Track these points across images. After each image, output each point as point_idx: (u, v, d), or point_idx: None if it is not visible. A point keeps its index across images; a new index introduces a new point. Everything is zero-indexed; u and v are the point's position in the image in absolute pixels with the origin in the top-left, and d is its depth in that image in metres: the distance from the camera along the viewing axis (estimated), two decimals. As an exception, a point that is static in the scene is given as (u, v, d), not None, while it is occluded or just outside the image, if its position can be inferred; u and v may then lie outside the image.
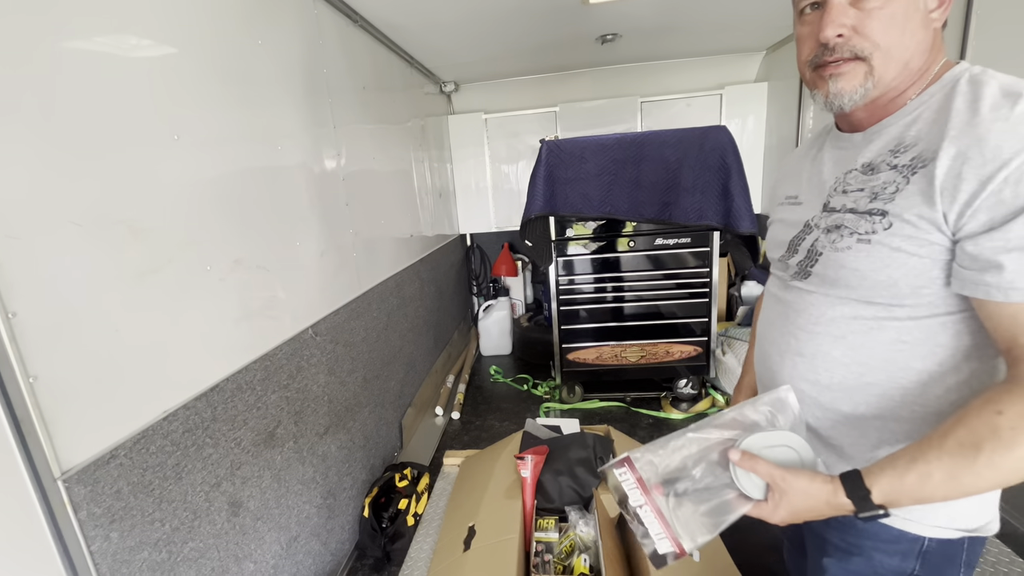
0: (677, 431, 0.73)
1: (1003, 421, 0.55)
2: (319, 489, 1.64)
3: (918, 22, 0.64)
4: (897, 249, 0.63)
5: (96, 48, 0.94)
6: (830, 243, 0.72)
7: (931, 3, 0.65)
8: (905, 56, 0.65)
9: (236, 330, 1.28)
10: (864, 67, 0.66)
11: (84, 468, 0.86)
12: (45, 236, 0.83)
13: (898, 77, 0.66)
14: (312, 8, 1.80)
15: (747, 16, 2.71)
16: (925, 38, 0.65)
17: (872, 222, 0.66)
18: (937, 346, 0.65)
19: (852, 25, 0.64)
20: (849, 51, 0.65)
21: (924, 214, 0.61)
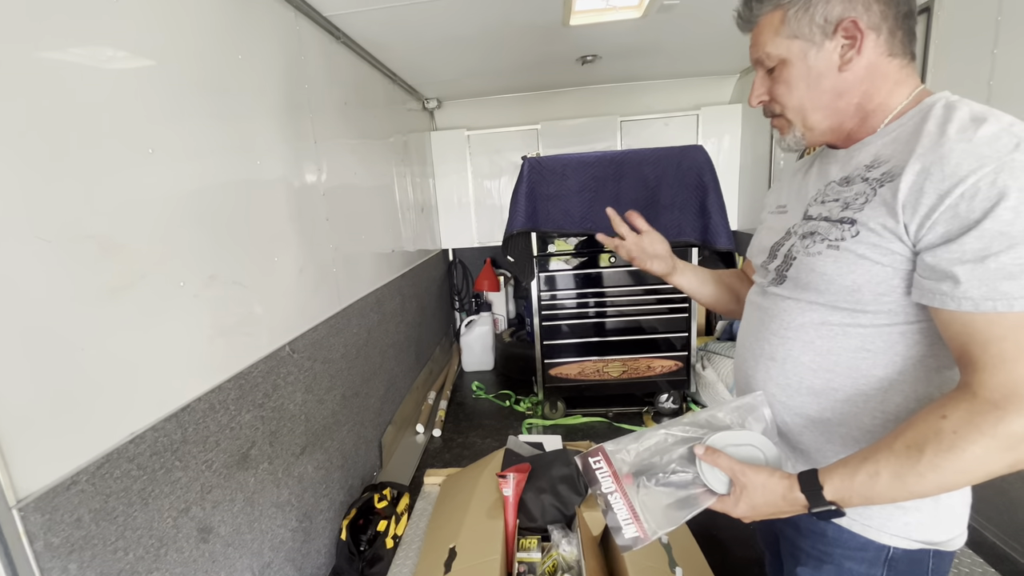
0: (651, 427, 0.77)
1: (946, 425, 0.58)
2: (294, 512, 1.59)
3: (824, 76, 0.70)
4: (862, 256, 0.66)
5: (69, 59, 0.92)
6: (804, 248, 0.75)
7: (833, 57, 0.69)
8: (823, 104, 0.72)
9: (210, 348, 1.25)
10: (786, 122, 0.77)
11: (42, 495, 0.82)
12: (10, 252, 0.80)
13: (837, 118, 0.73)
14: (294, 24, 1.80)
15: (720, 41, 2.81)
16: (847, 83, 0.70)
17: (842, 230, 0.69)
18: (897, 355, 0.68)
19: (767, 92, 0.77)
20: (769, 112, 0.79)
21: (888, 224, 0.64)
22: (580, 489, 1.64)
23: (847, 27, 0.67)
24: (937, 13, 1.85)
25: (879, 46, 0.68)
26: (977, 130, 0.59)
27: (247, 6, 1.51)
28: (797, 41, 0.71)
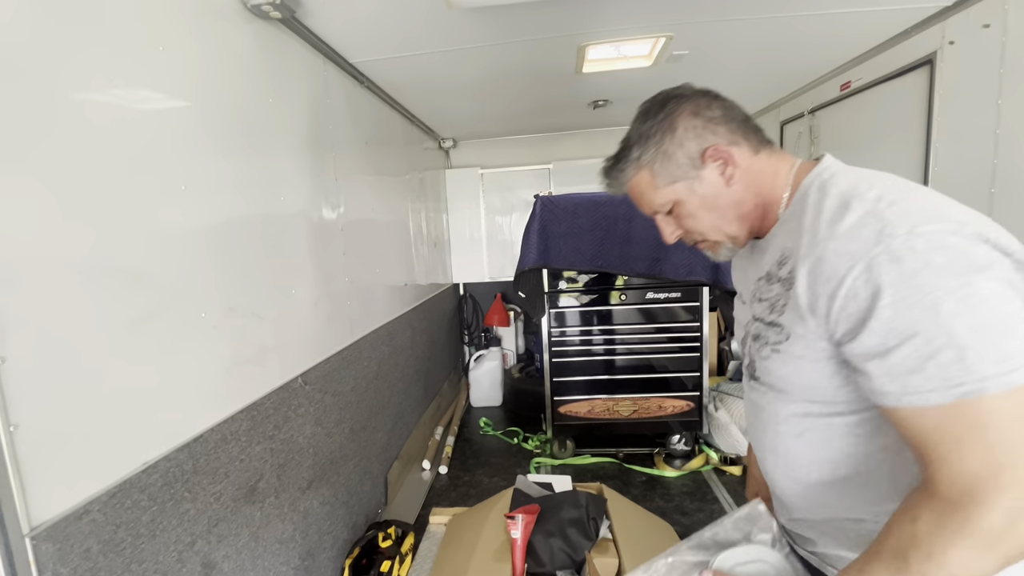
0: (653, 557, 0.76)
1: (920, 528, 0.54)
2: (298, 549, 1.55)
3: (719, 196, 0.76)
4: (801, 358, 0.66)
5: (110, 100, 0.98)
6: (757, 351, 0.75)
7: (717, 179, 0.75)
8: (731, 217, 0.77)
9: (225, 378, 1.26)
10: (712, 243, 0.81)
11: (54, 524, 0.82)
12: (44, 282, 0.84)
13: (748, 221, 0.78)
14: (322, 70, 1.90)
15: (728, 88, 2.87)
16: (739, 193, 0.76)
17: (777, 333, 0.69)
18: (888, 438, 0.64)
19: (678, 228, 0.82)
20: (691, 241, 0.84)
21: (808, 327, 0.64)
22: (590, 533, 1.60)
23: (711, 153, 0.74)
24: (939, 66, 1.91)
25: (744, 152, 0.74)
26: (842, 221, 0.60)
27: (281, 53, 1.61)
28: (678, 183, 0.76)
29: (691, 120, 0.75)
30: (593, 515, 1.64)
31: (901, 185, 0.63)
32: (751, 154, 0.75)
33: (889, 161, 2.25)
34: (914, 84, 2.07)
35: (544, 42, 2.01)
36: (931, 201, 0.59)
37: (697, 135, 0.74)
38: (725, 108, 0.76)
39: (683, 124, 0.75)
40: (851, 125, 2.54)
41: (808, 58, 2.41)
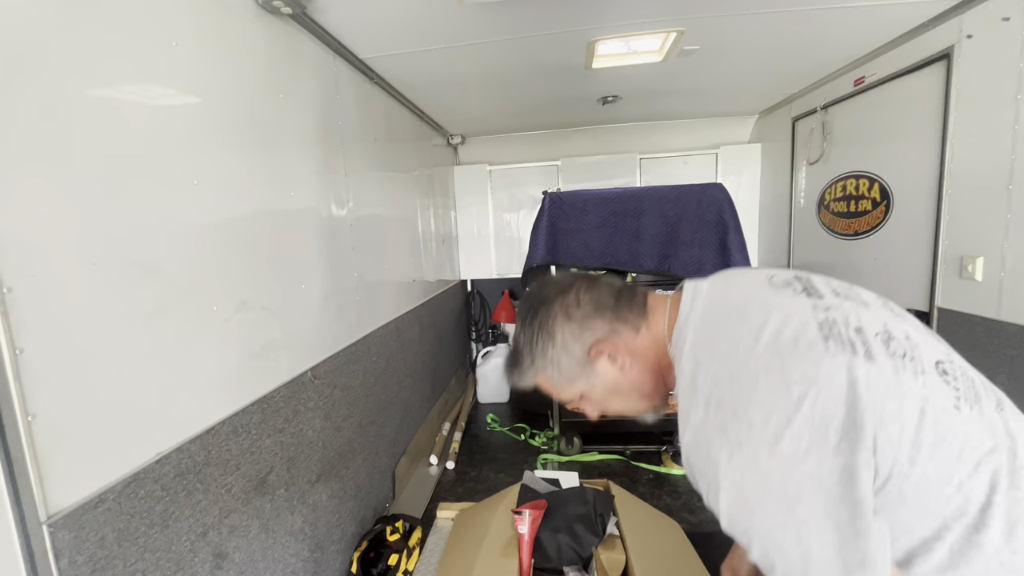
0: None
1: None
2: (307, 541, 1.57)
3: (619, 382, 0.77)
4: None
5: (124, 96, 0.99)
6: None
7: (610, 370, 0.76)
8: (641, 394, 0.78)
9: (236, 371, 1.28)
10: (638, 414, 0.83)
11: (71, 512, 0.83)
12: (62, 275, 0.85)
13: (658, 389, 0.78)
14: (332, 66, 1.91)
15: (739, 83, 2.87)
16: (636, 372, 0.76)
17: None
18: None
19: (597, 409, 0.83)
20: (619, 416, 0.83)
21: None
22: (598, 530, 1.60)
23: (596, 351, 0.75)
24: (957, 60, 1.88)
25: (626, 335, 0.75)
26: (692, 416, 0.63)
27: (292, 49, 1.62)
28: (578, 380, 0.78)
29: (566, 325, 0.76)
30: (600, 511, 1.64)
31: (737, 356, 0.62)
32: (633, 335, 0.75)
33: (903, 158, 2.22)
34: (930, 79, 2.03)
35: (553, 37, 2.00)
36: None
37: (576, 337, 0.75)
38: (593, 298, 0.76)
39: (560, 331, 0.76)
40: (865, 121, 2.50)
41: (821, 53, 2.38)
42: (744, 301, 0.67)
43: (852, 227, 2.62)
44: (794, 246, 3.25)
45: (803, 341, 0.58)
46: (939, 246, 2.00)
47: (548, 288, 0.80)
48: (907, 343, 0.60)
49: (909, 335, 0.62)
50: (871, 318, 0.62)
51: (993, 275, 1.76)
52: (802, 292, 0.66)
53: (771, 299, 0.66)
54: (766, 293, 0.67)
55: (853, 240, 2.62)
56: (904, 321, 0.65)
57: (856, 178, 2.56)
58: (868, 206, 2.48)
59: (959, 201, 1.92)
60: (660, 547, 1.64)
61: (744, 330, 0.62)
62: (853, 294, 0.68)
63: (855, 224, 2.59)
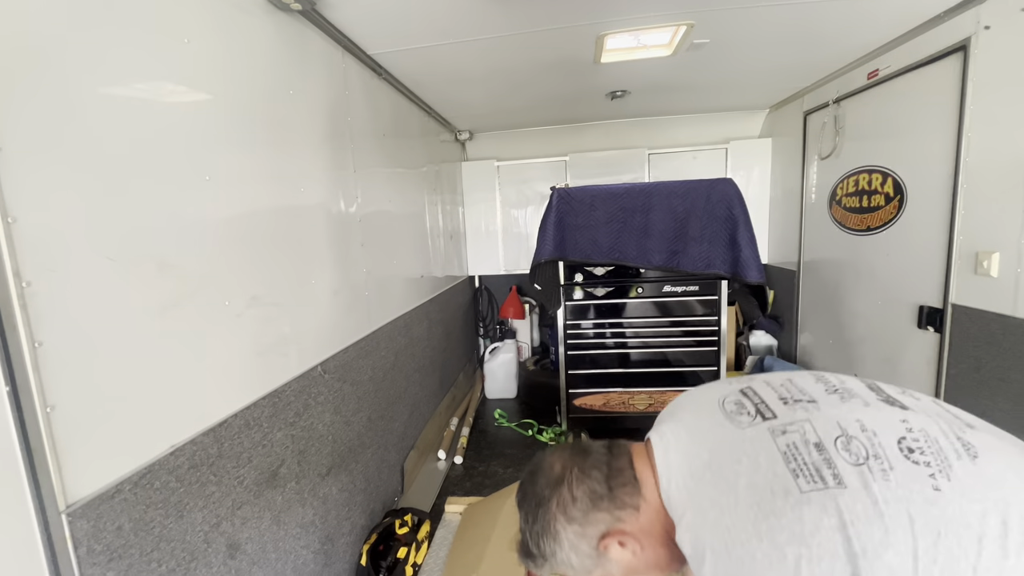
0: None
1: None
2: (317, 533, 1.59)
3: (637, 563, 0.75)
4: None
5: (136, 93, 1.01)
6: None
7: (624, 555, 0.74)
8: (655, 567, 0.76)
9: (248, 365, 1.29)
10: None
11: (89, 502, 0.85)
12: (79, 269, 0.86)
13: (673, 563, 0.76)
14: (341, 62, 1.92)
15: (750, 77, 2.84)
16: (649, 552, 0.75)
17: None
18: None
19: None
20: None
21: None
22: None
23: (605, 543, 0.74)
24: (974, 52, 1.84)
25: (630, 519, 0.74)
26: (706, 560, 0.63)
27: (301, 45, 1.63)
28: (595, 572, 0.77)
29: (568, 527, 0.75)
30: (608, 507, 1.64)
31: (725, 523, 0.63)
32: (636, 516, 0.74)
33: (917, 152, 2.19)
34: (946, 72, 2.00)
35: (562, 31, 1.99)
36: None
37: (581, 536, 0.74)
38: (587, 491, 0.75)
39: (563, 533, 0.75)
40: (878, 115, 2.46)
41: (834, 46, 2.35)
42: (711, 450, 0.68)
43: (864, 222, 2.58)
44: (804, 242, 3.22)
45: (778, 489, 0.60)
46: (954, 241, 1.97)
47: (540, 485, 0.78)
48: (865, 436, 0.62)
49: (863, 423, 0.63)
50: (823, 421, 0.64)
51: (1009, 271, 1.73)
52: (756, 416, 0.69)
53: (732, 439, 0.67)
54: (725, 431, 0.69)
55: (865, 236, 2.58)
56: (851, 399, 0.68)
57: (869, 173, 2.52)
58: (881, 201, 2.45)
59: (975, 195, 1.89)
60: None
61: (721, 488, 0.64)
62: (797, 392, 0.71)
63: (868, 219, 2.56)
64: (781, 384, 0.74)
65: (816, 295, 3.13)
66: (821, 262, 3.05)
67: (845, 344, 2.82)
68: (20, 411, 0.77)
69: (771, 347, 3.55)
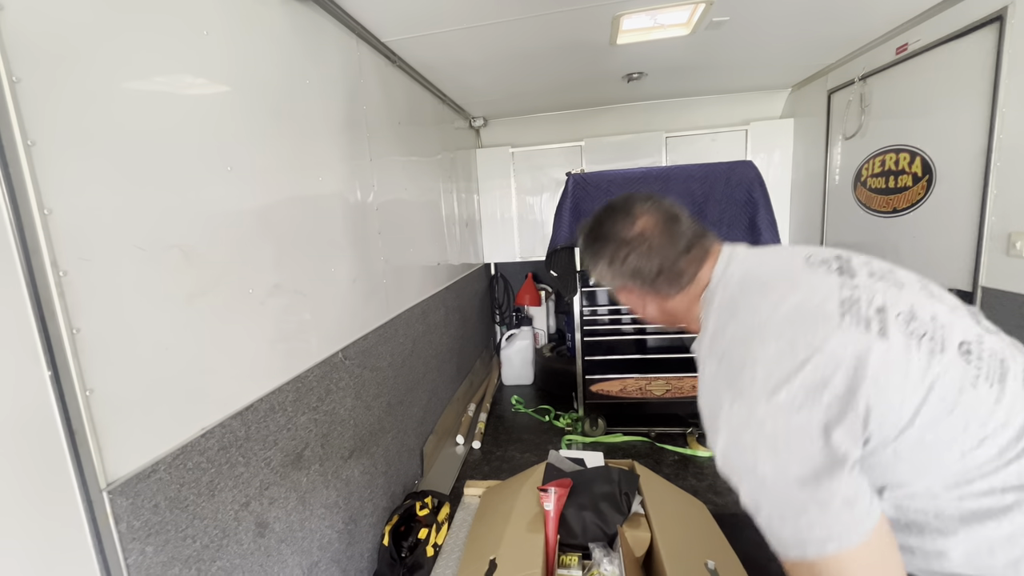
0: None
1: None
2: (341, 514, 1.64)
3: (637, 309, 0.92)
4: None
5: (159, 87, 1.03)
6: None
7: (629, 300, 0.92)
8: (651, 318, 0.92)
9: (272, 351, 1.33)
10: None
11: (127, 481, 0.89)
12: (112, 258, 0.90)
13: (669, 324, 0.92)
14: (356, 51, 1.92)
15: (771, 55, 2.76)
16: (652, 314, 0.90)
17: None
18: None
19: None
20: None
21: None
22: (623, 508, 1.61)
23: (619, 290, 0.90)
24: (1010, 22, 1.76)
25: (651, 296, 0.86)
26: (706, 370, 0.71)
27: (316, 34, 1.63)
28: (613, 286, 0.92)
29: (606, 266, 0.88)
30: (625, 490, 1.66)
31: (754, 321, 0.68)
32: (660, 299, 0.86)
33: (947, 130, 2.11)
34: (980, 44, 1.91)
35: (577, 13, 1.96)
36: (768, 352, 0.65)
37: (611, 278, 0.89)
38: (634, 268, 0.84)
39: (603, 267, 0.88)
40: (906, 92, 2.37)
41: (860, 19, 2.26)
42: (772, 275, 0.72)
43: (891, 204, 2.51)
44: (828, 225, 3.14)
45: (820, 314, 0.64)
46: (985, 222, 1.91)
47: (610, 230, 0.86)
48: (931, 323, 0.64)
49: (936, 316, 0.66)
50: (899, 299, 0.67)
51: (1044, 252, 1.67)
52: (836, 271, 0.71)
53: (800, 275, 0.71)
54: (798, 270, 0.72)
55: (891, 217, 2.51)
56: (938, 302, 0.69)
57: (896, 152, 2.44)
58: (908, 181, 2.37)
59: (1008, 174, 1.82)
60: (686, 526, 1.65)
61: (766, 300, 0.68)
62: (890, 276, 0.72)
63: (894, 201, 2.48)
64: (879, 265, 0.74)
65: (839, 279, 3.06)
66: (845, 245, 2.96)
67: (868, 329, 2.75)
68: (62, 394, 0.81)
69: (791, 333, 3.49)
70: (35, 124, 0.79)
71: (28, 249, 0.77)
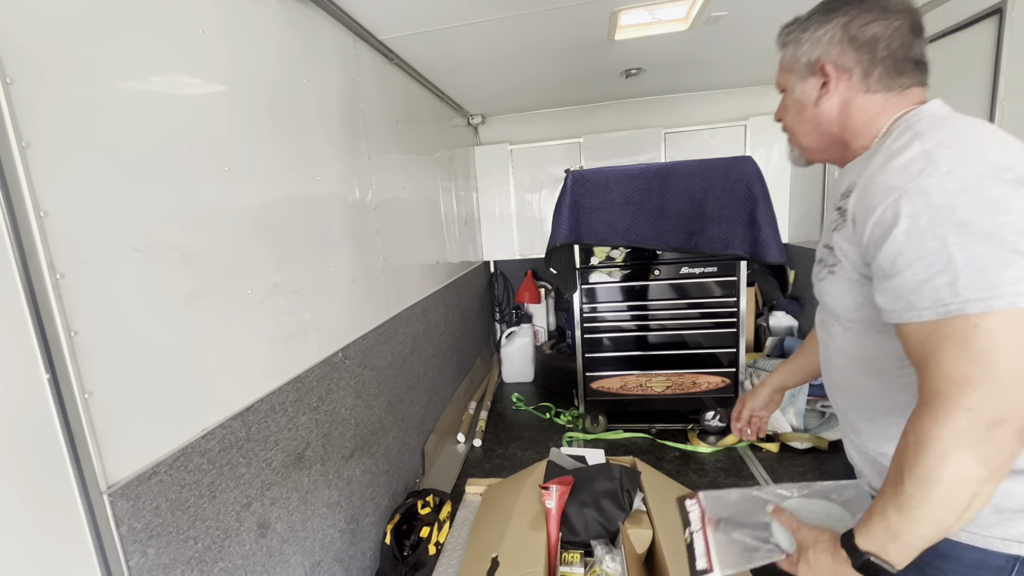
0: (748, 488, 0.87)
1: (909, 439, 0.60)
2: (343, 513, 1.64)
3: (805, 108, 0.82)
4: (850, 279, 0.73)
5: (154, 87, 1.02)
6: (816, 273, 0.83)
7: (812, 93, 0.80)
8: (807, 131, 0.83)
9: (272, 352, 1.32)
10: (789, 141, 0.90)
11: (128, 483, 0.89)
12: (110, 260, 0.89)
13: (823, 143, 0.83)
14: (353, 49, 1.91)
15: (770, 50, 2.74)
16: (823, 116, 0.79)
17: (832, 256, 0.76)
18: None
19: (778, 111, 0.90)
20: (783, 127, 0.91)
21: (852, 250, 0.71)
22: (624, 505, 1.62)
23: (820, 68, 0.77)
24: (1010, 15, 1.75)
25: (853, 85, 0.76)
26: (898, 158, 0.65)
27: (313, 33, 1.62)
28: (791, 75, 0.83)
29: (835, 30, 0.75)
30: (627, 487, 1.66)
31: (978, 132, 0.65)
32: (860, 91, 0.76)
33: (948, 123, 2.10)
34: (979, 37, 1.90)
35: (575, 9, 1.95)
36: (994, 148, 0.61)
37: (826, 46, 0.76)
38: (879, 36, 0.73)
39: (829, 28, 0.76)
40: (906, 85, 2.36)
41: (859, 14, 2.25)
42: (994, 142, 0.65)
43: (890, 198, 2.50)
44: (828, 220, 3.13)
45: None
46: (985, 216, 1.90)
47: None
48: None
49: None
50: None
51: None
52: None
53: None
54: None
55: (891, 212, 2.50)
56: None
57: (895, 146, 2.43)
58: (908, 176, 2.37)
59: (1009, 168, 1.81)
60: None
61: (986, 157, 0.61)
62: None
63: (893, 195, 2.47)
64: None
65: (838, 274, 3.06)
66: (844, 240, 2.97)
67: (869, 324, 2.75)
68: (61, 397, 0.81)
69: (791, 328, 3.50)
70: (30, 126, 0.78)
71: (24, 252, 0.77)
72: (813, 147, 0.85)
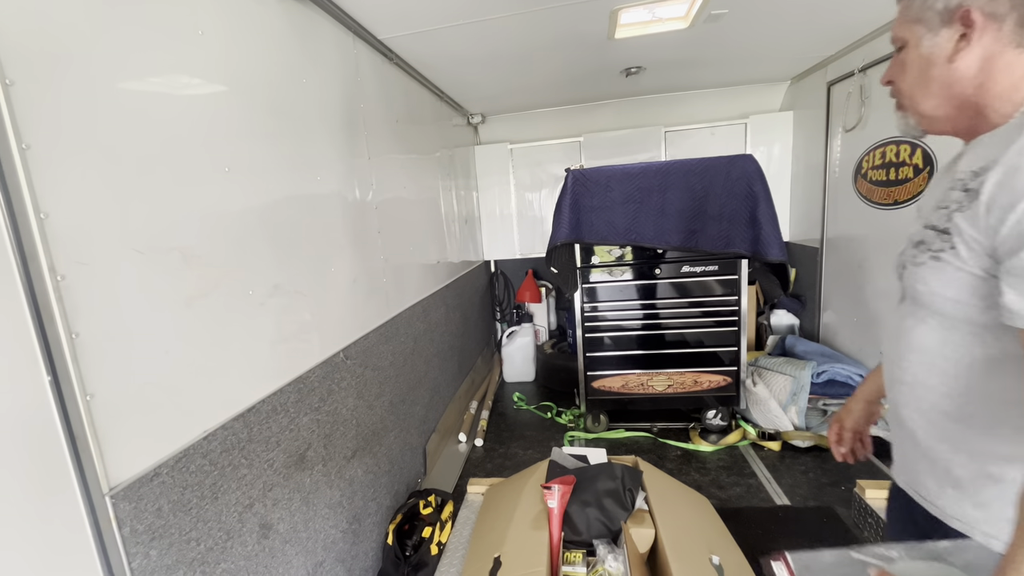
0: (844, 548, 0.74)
1: None
2: (345, 514, 1.64)
3: (934, 65, 0.69)
4: (959, 268, 0.64)
5: (154, 88, 1.02)
6: (912, 258, 0.74)
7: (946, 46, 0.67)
8: (931, 93, 0.70)
9: (273, 352, 1.32)
10: (901, 107, 0.77)
11: (130, 485, 0.89)
12: (111, 262, 0.89)
13: (948, 109, 0.70)
14: (352, 48, 1.91)
15: (770, 48, 2.74)
16: (958, 74, 0.67)
17: (942, 240, 0.67)
18: None
19: (889, 74, 0.77)
20: (894, 95, 0.79)
21: (976, 237, 0.62)
22: (627, 504, 1.61)
23: (961, 16, 0.64)
24: (1012, 11, 1.74)
25: (1003, 37, 0.63)
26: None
27: (312, 33, 1.62)
28: (918, 25, 0.69)
29: None
30: (629, 486, 1.66)
31: None
32: (1010, 45, 0.63)
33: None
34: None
35: (575, 7, 1.94)
36: None
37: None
38: None
39: None
40: (907, 83, 2.36)
41: (860, 10, 2.24)
42: None
43: (892, 196, 2.50)
44: (828, 218, 3.13)
45: None
46: (987, 213, 1.89)
47: None
48: None
49: None
50: None
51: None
52: None
53: None
54: None
55: (893, 210, 2.50)
56: None
57: (897, 144, 2.43)
58: (910, 173, 2.36)
59: (1011, 165, 1.81)
60: (689, 521, 1.65)
61: None
62: None
63: (895, 193, 2.47)
64: None
65: (840, 272, 3.06)
66: (845, 238, 2.97)
67: (870, 322, 2.75)
68: (62, 399, 0.80)
69: (793, 326, 3.49)
70: (29, 127, 0.78)
71: (25, 254, 0.77)
72: (937, 115, 0.72)
